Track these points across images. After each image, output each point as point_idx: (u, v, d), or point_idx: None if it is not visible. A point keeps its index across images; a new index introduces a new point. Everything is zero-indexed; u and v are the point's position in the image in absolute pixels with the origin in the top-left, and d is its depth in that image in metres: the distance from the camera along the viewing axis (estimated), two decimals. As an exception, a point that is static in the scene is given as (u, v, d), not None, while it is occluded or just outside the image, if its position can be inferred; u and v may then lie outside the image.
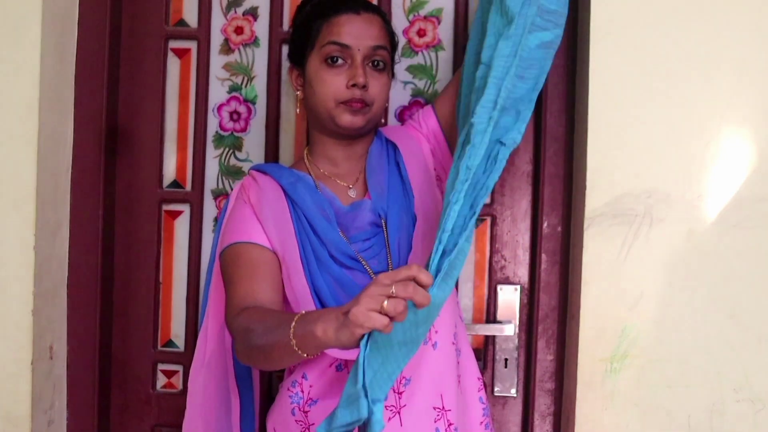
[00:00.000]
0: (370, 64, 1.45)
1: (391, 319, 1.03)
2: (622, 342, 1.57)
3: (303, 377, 1.43)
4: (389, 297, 1.03)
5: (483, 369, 1.83)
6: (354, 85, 1.41)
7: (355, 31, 1.43)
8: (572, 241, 1.70)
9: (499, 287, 1.82)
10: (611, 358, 1.57)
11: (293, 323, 1.16)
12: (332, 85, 1.43)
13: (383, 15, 1.51)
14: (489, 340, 1.83)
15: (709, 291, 1.55)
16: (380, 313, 1.03)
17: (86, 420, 1.85)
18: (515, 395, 1.82)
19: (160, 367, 1.92)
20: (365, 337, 1.09)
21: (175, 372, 1.91)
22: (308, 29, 1.47)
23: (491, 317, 1.83)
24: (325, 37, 1.44)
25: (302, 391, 1.42)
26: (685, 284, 1.56)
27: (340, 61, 1.43)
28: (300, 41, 1.49)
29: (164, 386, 1.92)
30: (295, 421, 1.43)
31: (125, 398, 1.91)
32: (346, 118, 1.43)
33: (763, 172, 1.55)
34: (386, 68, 1.47)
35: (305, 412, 1.42)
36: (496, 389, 1.82)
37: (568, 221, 1.73)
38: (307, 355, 1.16)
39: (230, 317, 1.38)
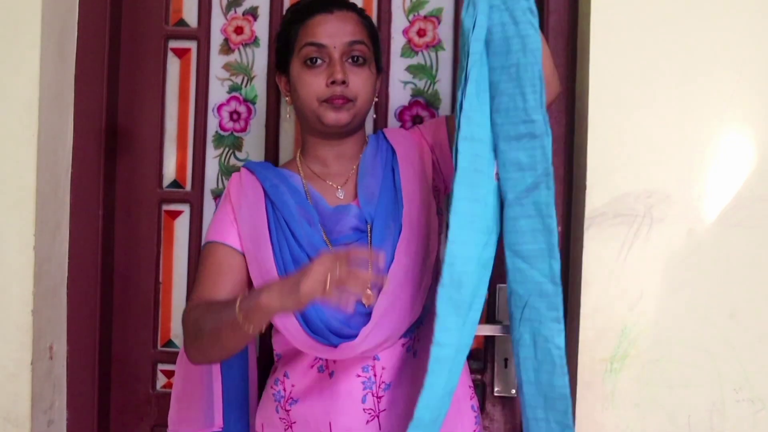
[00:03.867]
0: (350, 60, 1.46)
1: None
2: (622, 342, 1.57)
3: (285, 375, 1.44)
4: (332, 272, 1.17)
5: (483, 369, 1.83)
6: (333, 82, 1.42)
7: (329, 30, 1.45)
8: (572, 241, 1.70)
9: (498, 287, 1.82)
10: (611, 358, 1.57)
11: (239, 300, 1.26)
12: (312, 85, 1.44)
13: (359, 11, 1.53)
14: (489, 340, 1.83)
15: (709, 291, 1.55)
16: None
17: (86, 420, 1.85)
18: (515, 395, 1.82)
19: (160, 367, 1.92)
20: None
21: (174, 372, 1.91)
22: (288, 35, 1.50)
23: (491, 317, 1.83)
24: (302, 39, 1.46)
25: (284, 390, 1.44)
26: (685, 284, 1.56)
27: (318, 61, 1.44)
28: (282, 48, 1.53)
29: (164, 386, 1.92)
30: (279, 418, 1.45)
31: (125, 398, 1.91)
32: (331, 116, 1.44)
33: (763, 171, 1.55)
34: (367, 62, 1.48)
35: (287, 411, 1.43)
36: (496, 389, 1.82)
37: (568, 221, 1.74)
38: (253, 329, 1.24)
39: (185, 313, 1.43)
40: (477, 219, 1.31)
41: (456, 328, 1.29)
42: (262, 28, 1.89)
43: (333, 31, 1.44)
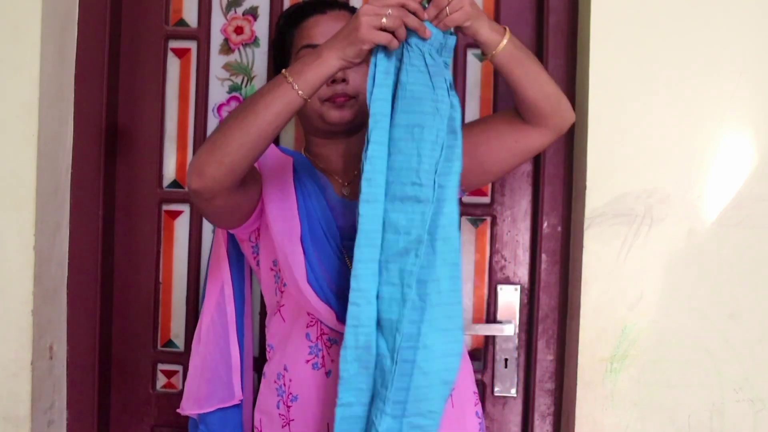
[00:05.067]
0: None
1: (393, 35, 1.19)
2: (622, 342, 1.57)
3: (285, 369, 1.44)
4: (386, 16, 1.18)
5: (483, 369, 1.83)
6: (333, 81, 1.43)
7: (324, 30, 1.45)
8: (572, 241, 1.70)
9: (499, 287, 1.82)
10: (611, 358, 1.57)
11: (286, 69, 1.24)
12: None
13: (352, 9, 1.54)
14: (489, 340, 1.83)
15: (709, 291, 1.55)
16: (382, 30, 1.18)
17: (86, 420, 1.85)
18: (515, 395, 1.82)
19: (160, 367, 1.92)
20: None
21: (175, 372, 1.91)
22: (284, 41, 1.51)
23: (491, 317, 1.83)
24: (298, 43, 1.47)
25: (284, 385, 1.44)
26: (685, 284, 1.56)
27: None
28: (280, 55, 1.54)
29: (164, 386, 1.92)
30: (279, 414, 1.45)
31: (125, 398, 1.91)
32: (334, 114, 1.45)
33: (763, 171, 1.55)
34: (365, 59, 1.48)
35: (288, 407, 1.43)
36: (496, 389, 1.82)
37: (568, 221, 1.74)
38: (302, 91, 1.22)
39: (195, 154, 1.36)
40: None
41: (369, 388, 1.27)
42: (262, 28, 1.89)
43: (328, 31, 1.44)
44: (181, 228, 1.91)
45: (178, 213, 1.91)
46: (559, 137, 1.43)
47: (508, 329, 1.79)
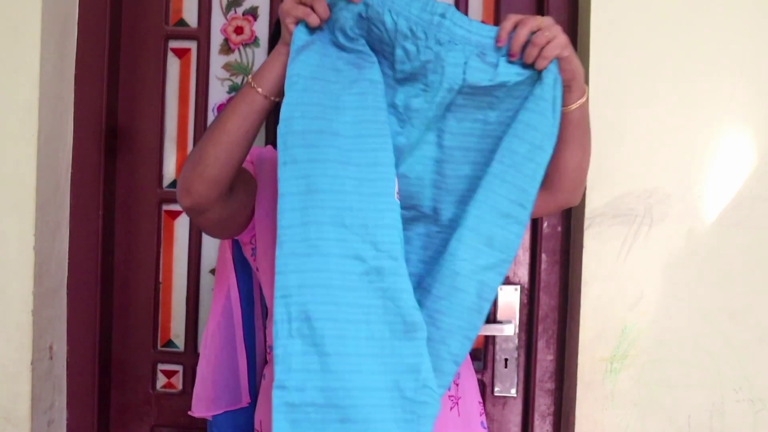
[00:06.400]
0: None
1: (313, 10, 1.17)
2: (622, 342, 1.57)
3: None
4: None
5: (483, 369, 1.83)
6: None
7: None
8: (572, 241, 1.70)
9: (499, 287, 1.82)
10: (611, 358, 1.57)
11: (249, 76, 1.25)
12: None
13: None
14: (489, 340, 1.83)
15: (709, 291, 1.55)
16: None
17: (86, 420, 1.85)
18: (515, 395, 1.82)
19: (160, 367, 1.92)
20: None
21: (175, 372, 1.91)
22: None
23: (491, 317, 1.83)
24: None
25: None
26: (685, 284, 1.56)
27: None
28: None
29: (164, 386, 1.92)
30: None
31: (125, 398, 1.91)
32: None
33: (763, 171, 1.55)
34: None
35: None
36: (496, 389, 1.82)
37: (568, 221, 1.74)
38: (263, 89, 1.21)
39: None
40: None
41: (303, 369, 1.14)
42: (262, 28, 1.89)
43: None
44: (181, 228, 1.92)
45: (178, 213, 1.91)
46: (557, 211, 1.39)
47: (508, 329, 1.79)
